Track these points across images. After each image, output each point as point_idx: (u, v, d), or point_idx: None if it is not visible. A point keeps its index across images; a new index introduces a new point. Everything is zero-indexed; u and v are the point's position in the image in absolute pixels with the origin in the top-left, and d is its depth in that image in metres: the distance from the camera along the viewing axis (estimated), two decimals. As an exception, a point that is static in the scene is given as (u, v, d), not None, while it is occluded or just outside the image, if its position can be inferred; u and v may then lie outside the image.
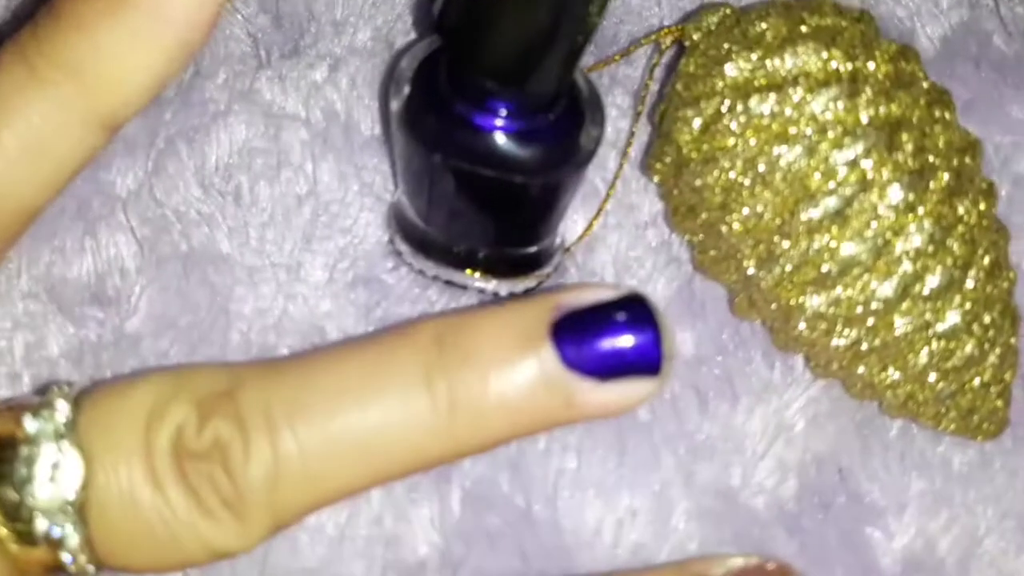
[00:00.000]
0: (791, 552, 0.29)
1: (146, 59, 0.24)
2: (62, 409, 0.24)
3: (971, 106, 0.33)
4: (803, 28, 0.27)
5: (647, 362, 0.24)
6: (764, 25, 0.27)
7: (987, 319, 0.27)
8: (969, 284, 0.27)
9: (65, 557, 0.23)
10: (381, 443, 0.24)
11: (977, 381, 0.28)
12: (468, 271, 0.30)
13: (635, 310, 0.24)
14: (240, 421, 0.23)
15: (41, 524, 0.23)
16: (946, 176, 0.27)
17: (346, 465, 0.24)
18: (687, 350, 0.30)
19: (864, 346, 0.27)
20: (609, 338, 0.24)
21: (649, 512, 0.29)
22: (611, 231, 0.31)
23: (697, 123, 0.27)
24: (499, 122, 0.26)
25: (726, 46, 0.27)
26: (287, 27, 0.32)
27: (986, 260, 0.27)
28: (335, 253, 0.30)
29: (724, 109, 0.27)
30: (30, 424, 0.23)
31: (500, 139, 0.26)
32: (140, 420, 0.24)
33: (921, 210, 0.26)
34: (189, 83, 0.31)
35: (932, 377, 0.28)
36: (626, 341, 0.24)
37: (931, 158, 0.27)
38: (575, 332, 0.24)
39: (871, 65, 0.27)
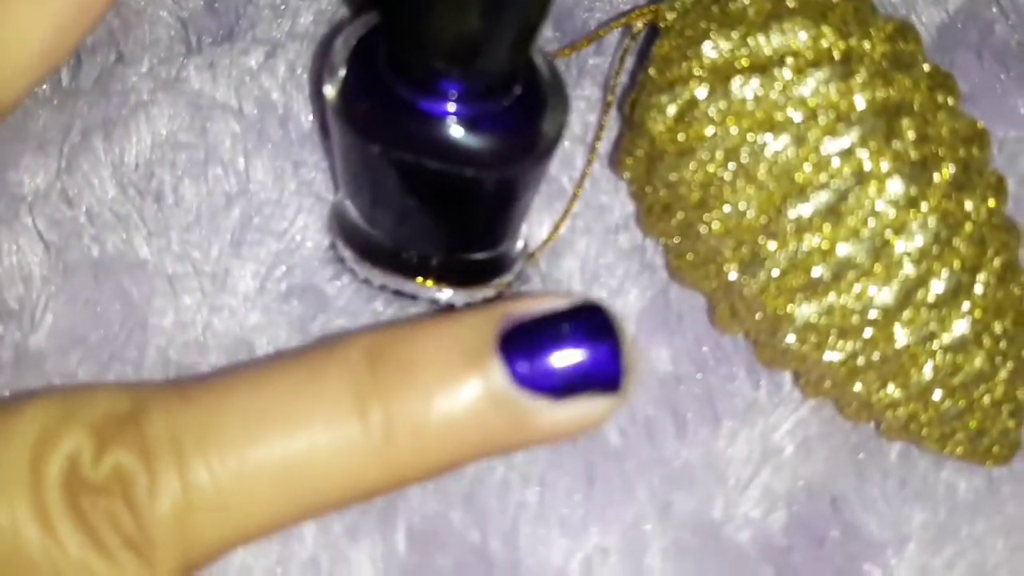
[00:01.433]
0: (780, 593, 0.26)
1: (36, 33, 0.22)
2: None
3: (973, 99, 0.31)
4: (789, 3, 0.24)
5: (605, 377, 0.22)
6: (746, 0, 0.24)
7: (998, 329, 0.25)
8: (978, 290, 0.24)
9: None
10: (307, 472, 0.21)
11: (987, 399, 0.25)
12: (419, 279, 0.27)
13: (591, 320, 0.22)
14: (144, 450, 0.21)
15: None
16: (951, 168, 0.24)
17: (267, 497, 0.21)
18: (663, 367, 0.28)
19: (860, 360, 0.24)
20: (563, 351, 0.21)
21: (621, 550, 0.26)
22: (579, 235, 0.29)
23: (672, 111, 0.24)
24: (448, 107, 0.23)
25: (703, 25, 0.24)
26: (220, 10, 0.29)
27: (997, 263, 0.24)
28: (268, 260, 0.27)
29: (702, 95, 0.24)
30: None
31: (449, 126, 0.23)
32: (26, 448, 0.21)
33: (924, 206, 0.23)
34: (109, 71, 0.28)
35: (937, 395, 0.25)
36: (581, 354, 0.21)
37: (935, 148, 0.24)
38: (525, 345, 0.22)
39: (866, 44, 0.24)
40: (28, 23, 0.22)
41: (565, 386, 0.21)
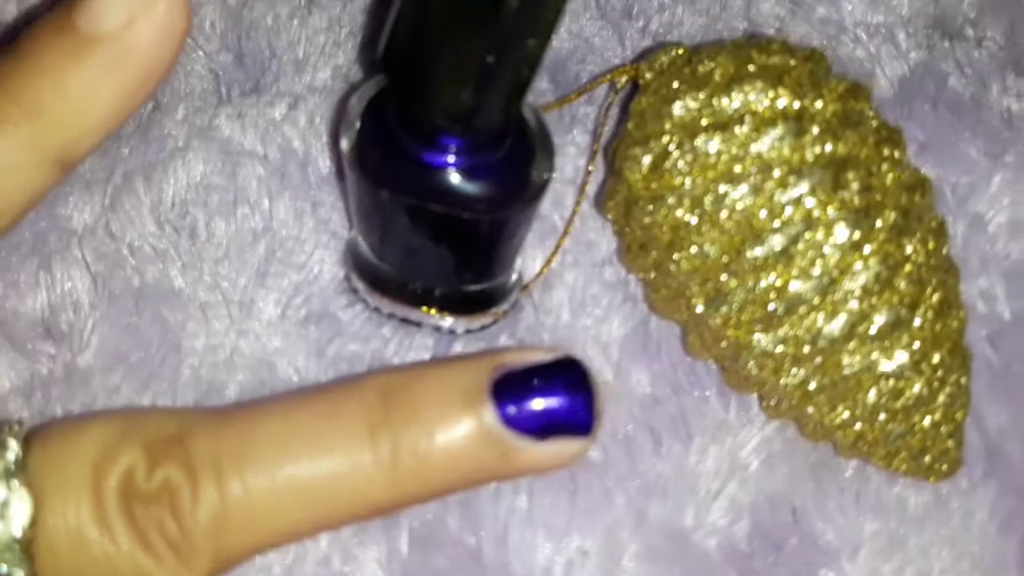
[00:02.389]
0: (743, 593, 0.29)
1: (105, 99, 0.25)
2: (12, 448, 0.24)
3: (928, 146, 0.33)
4: (751, 67, 0.27)
5: (580, 423, 0.25)
6: (713, 64, 0.27)
7: (936, 358, 0.27)
8: (917, 323, 0.27)
9: (8, 593, 0.23)
10: (326, 492, 0.25)
11: (927, 421, 0.28)
12: (423, 308, 0.30)
13: (571, 373, 0.25)
14: (189, 467, 0.24)
15: None
16: (893, 215, 0.27)
17: (291, 512, 0.25)
18: (642, 389, 0.30)
19: (812, 385, 0.27)
20: (545, 399, 0.25)
21: (600, 553, 0.28)
22: (568, 269, 0.31)
23: (646, 161, 0.27)
24: (448, 158, 0.26)
25: (675, 85, 0.27)
26: (249, 65, 0.33)
27: (935, 299, 0.27)
28: (289, 290, 0.30)
29: (672, 148, 0.27)
30: None
31: (449, 175, 0.26)
32: (90, 461, 0.24)
33: (867, 249, 0.26)
34: (148, 119, 0.32)
35: (882, 417, 0.28)
36: (561, 402, 0.25)
37: (878, 196, 0.27)
38: (514, 392, 0.25)
39: (819, 103, 0.27)
40: (97, 94, 0.25)
41: (545, 428, 0.25)
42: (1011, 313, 0.32)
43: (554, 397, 0.25)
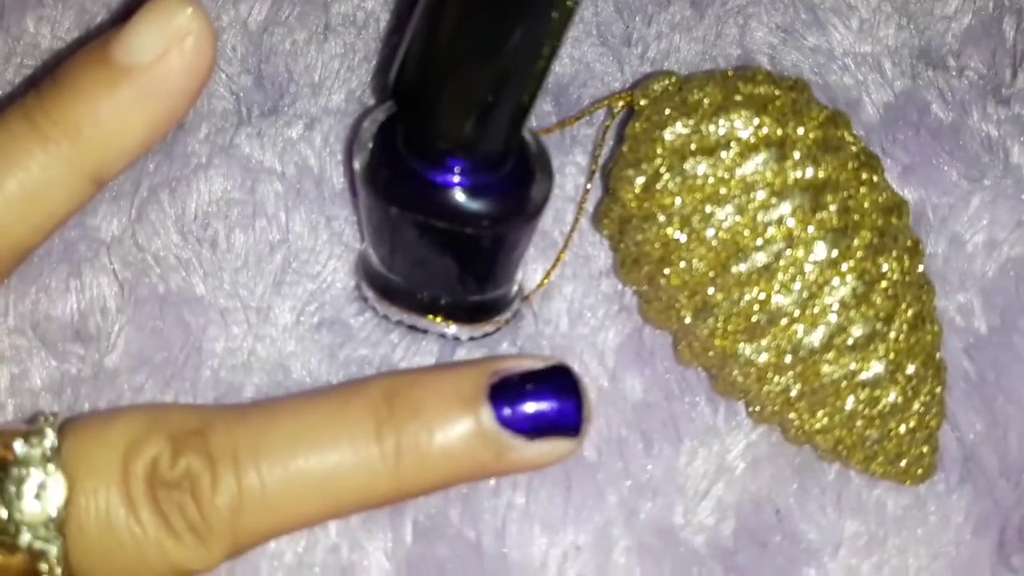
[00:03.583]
0: (727, 587, 0.31)
1: (137, 125, 0.27)
2: (49, 436, 0.26)
3: (911, 169, 0.35)
4: (737, 96, 0.29)
5: (569, 425, 0.28)
6: (701, 93, 0.29)
7: (910, 369, 0.29)
8: (892, 335, 0.29)
9: (43, 568, 0.25)
10: (334, 483, 0.27)
11: (903, 428, 0.29)
12: (430, 316, 0.32)
13: (561, 379, 0.28)
14: (210, 457, 0.26)
15: (25, 537, 0.25)
16: (869, 234, 0.28)
17: (302, 500, 0.27)
18: (635, 395, 0.32)
19: (794, 392, 0.29)
20: (538, 402, 0.27)
21: (592, 547, 0.30)
22: (567, 281, 0.33)
23: (639, 182, 0.29)
24: (453, 178, 0.28)
25: (667, 111, 0.29)
26: (268, 87, 0.35)
27: (909, 313, 0.29)
28: (303, 297, 0.32)
29: (663, 170, 0.29)
30: (20, 448, 0.26)
31: (453, 194, 0.28)
32: (119, 450, 0.26)
33: (845, 266, 0.28)
34: (173, 137, 0.34)
35: (859, 423, 0.29)
36: (551, 406, 0.27)
37: (856, 217, 0.28)
38: (509, 396, 0.27)
39: (800, 130, 0.29)
40: (129, 121, 0.27)
41: (537, 429, 0.27)
42: (987, 327, 0.34)
43: (546, 401, 0.27)
